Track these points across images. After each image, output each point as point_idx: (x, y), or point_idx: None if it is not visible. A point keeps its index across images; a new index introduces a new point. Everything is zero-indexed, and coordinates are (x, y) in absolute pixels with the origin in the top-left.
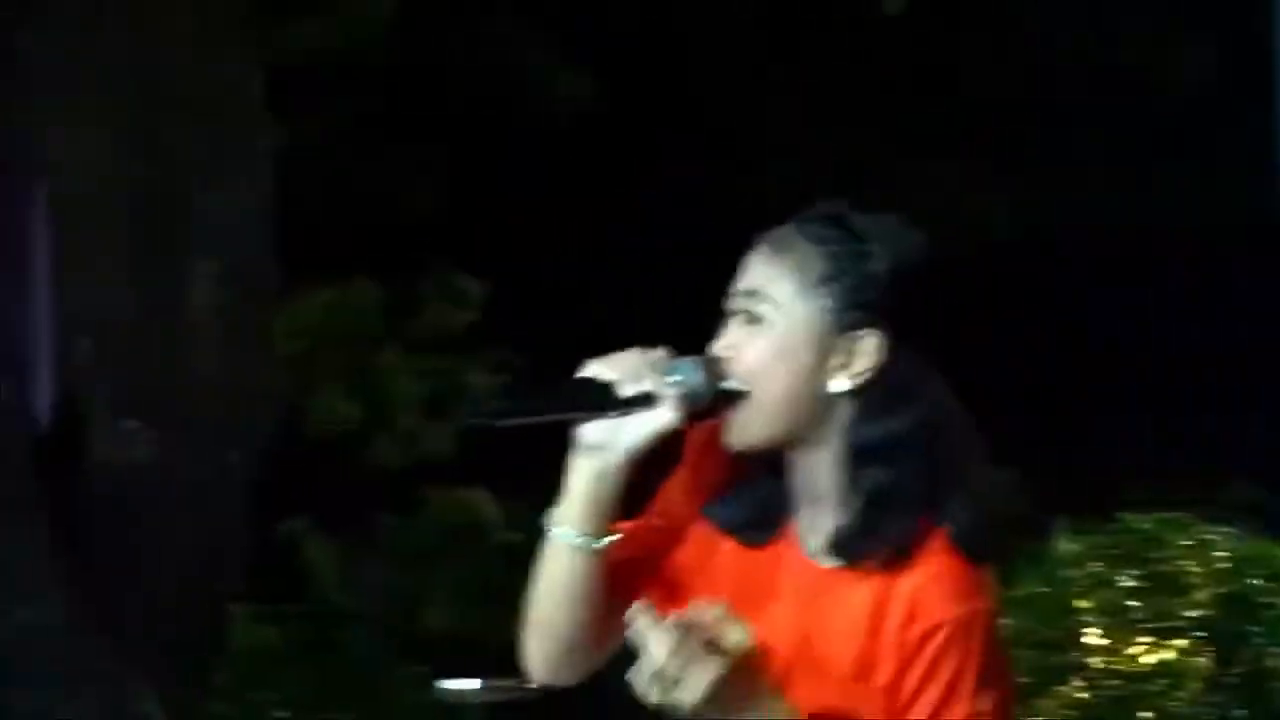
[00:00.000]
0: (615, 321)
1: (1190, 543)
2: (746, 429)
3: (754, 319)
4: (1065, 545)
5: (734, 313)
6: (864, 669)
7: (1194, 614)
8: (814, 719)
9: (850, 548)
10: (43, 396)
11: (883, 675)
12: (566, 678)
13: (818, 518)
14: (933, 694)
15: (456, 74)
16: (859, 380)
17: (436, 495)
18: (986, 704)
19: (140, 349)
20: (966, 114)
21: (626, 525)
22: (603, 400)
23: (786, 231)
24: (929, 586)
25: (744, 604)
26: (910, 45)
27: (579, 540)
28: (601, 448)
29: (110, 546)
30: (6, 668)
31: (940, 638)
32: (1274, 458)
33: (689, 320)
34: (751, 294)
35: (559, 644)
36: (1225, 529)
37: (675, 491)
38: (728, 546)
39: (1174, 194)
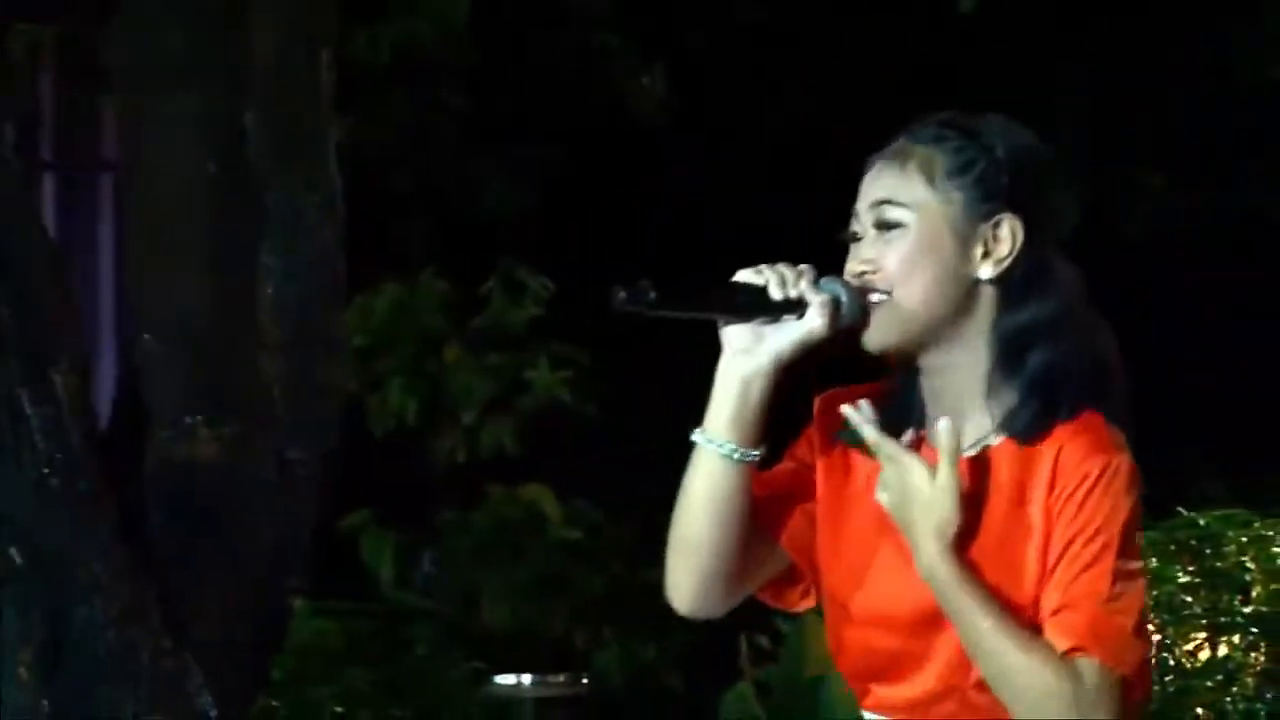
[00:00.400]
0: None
1: (1247, 539)
2: (893, 326)
3: (888, 226)
4: None
5: (857, 235)
6: (1009, 542)
7: (1249, 610)
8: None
9: (1026, 423)
10: (110, 392)
11: (1033, 544)
12: (709, 606)
13: (962, 416)
14: (1087, 542)
15: (528, 74)
16: (1003, 265)
17: (496, 491)
18: (1135, 559)
19: (208, 345)
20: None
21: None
22: (752, 305)
23: (899, 144)
24: (1069, 446)
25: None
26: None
27: (726, 449)
28: (748, 351)
29: (173, 542)
30: (69, 663)
31: (1088, 484)
32: None
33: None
34: (882, 203)
35: (702, 565)
36: None
37: (805, 442)
38: (865, 465)
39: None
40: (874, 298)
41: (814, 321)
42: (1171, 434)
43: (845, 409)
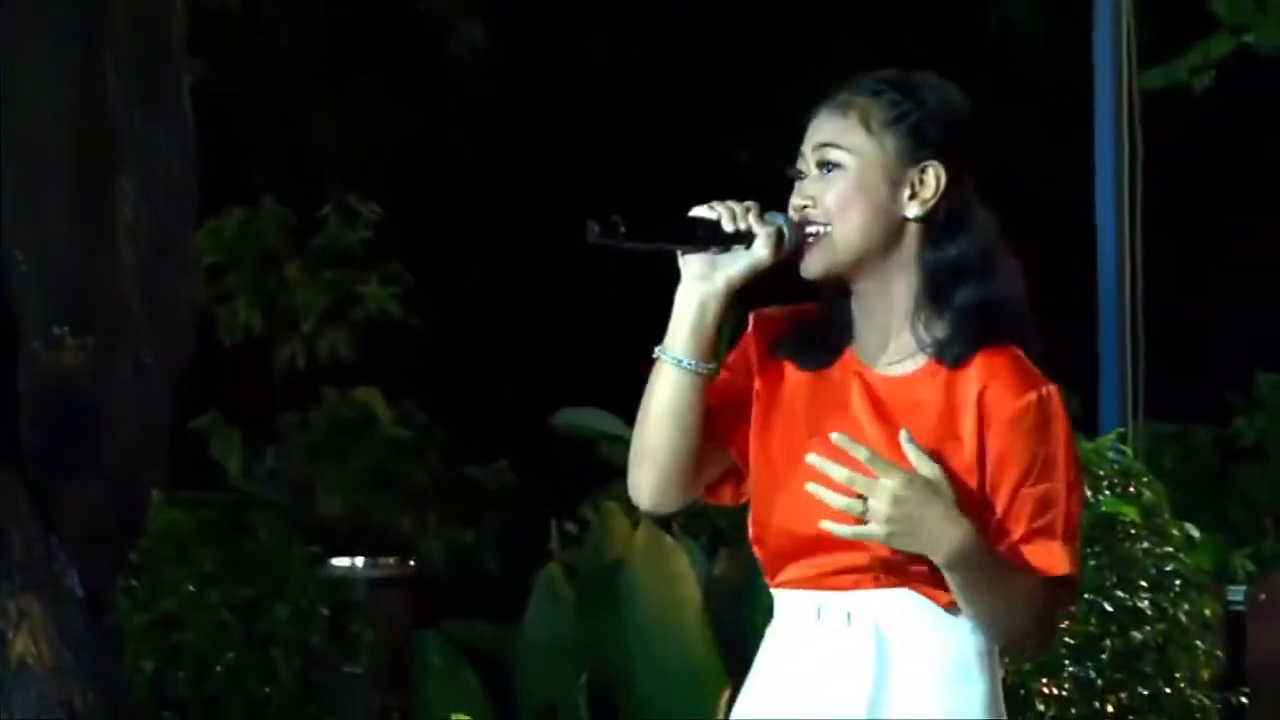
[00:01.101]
0: (494, 237)
1: None
2: (829, 256)
3: (830, 166)
4: None
5: (802, 173)
6: (938, 455)
7: None
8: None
9: (955, 351)
10: None
11: (965, 454)
12: (667, 504)
13: (888, 336)
14: (1039, 477)
15: (359, 23)
16: (927, 206)
17: (332, 394)
18: (1077, 472)
19: (71, 264)
20: None
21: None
22: (708, 237)
23: (843, 95)
24: (996, 382)
25: (820, 418)
26: None
27: (686, 363)
28: (704, 278)
29: (43, 441)
30: None
31: (1029, 417)
32: (1079, 358)
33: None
34: (824, 146)
35: (665, 467)
36: None
37: (740, 353)
38: (796, 375)
39: None
40: (811, 228)
41: (761, 251)
42: None
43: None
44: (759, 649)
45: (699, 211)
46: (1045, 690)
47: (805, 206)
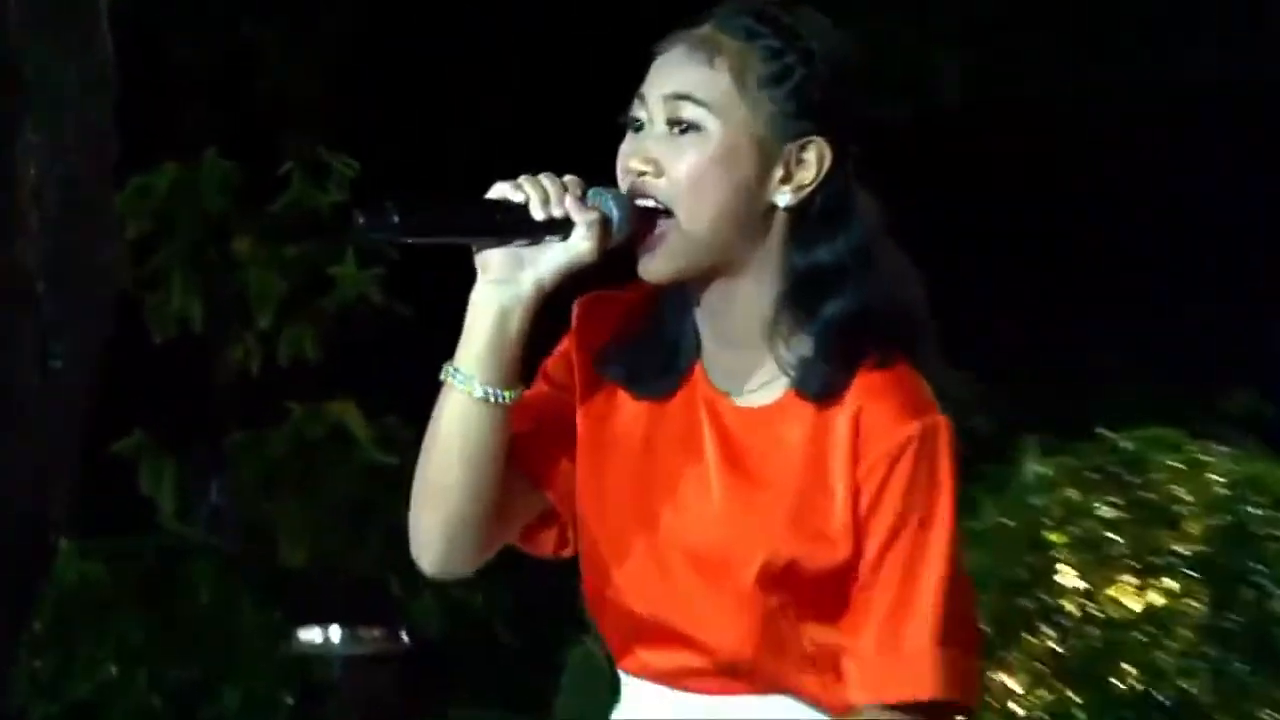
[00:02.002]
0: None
1: (1181, 465)
2: (673, 254)
3: (685, 126)
4: (1033, 468)
5: (640, 123)
6: (806, 506)
7: (1185, 549)
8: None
9: (822, 380)
10: None
11: (838, 515)
12: (460, 562)
13: (740, 355)
14: (908, 517)
15: None
16: (803, 193)
17: (295, 408)
18: (954, 549)
19: None
20: None
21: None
22: (510, 226)
23: (707, 31)
24: (872, 408)
25: (664, 456)
26: None
27: (481, 391)
28: (508, 280)
29: None
30: None
31: (905, 459)
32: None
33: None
34: (681, 98)
35: (451, 516)
36: (1223, 448)
37: (562, 362)
38: (631, 403)
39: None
40: (654, 203)
41: (580, 245)
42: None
43: None
44: None
45: (501, 190)
46: None
47: (645, 173)
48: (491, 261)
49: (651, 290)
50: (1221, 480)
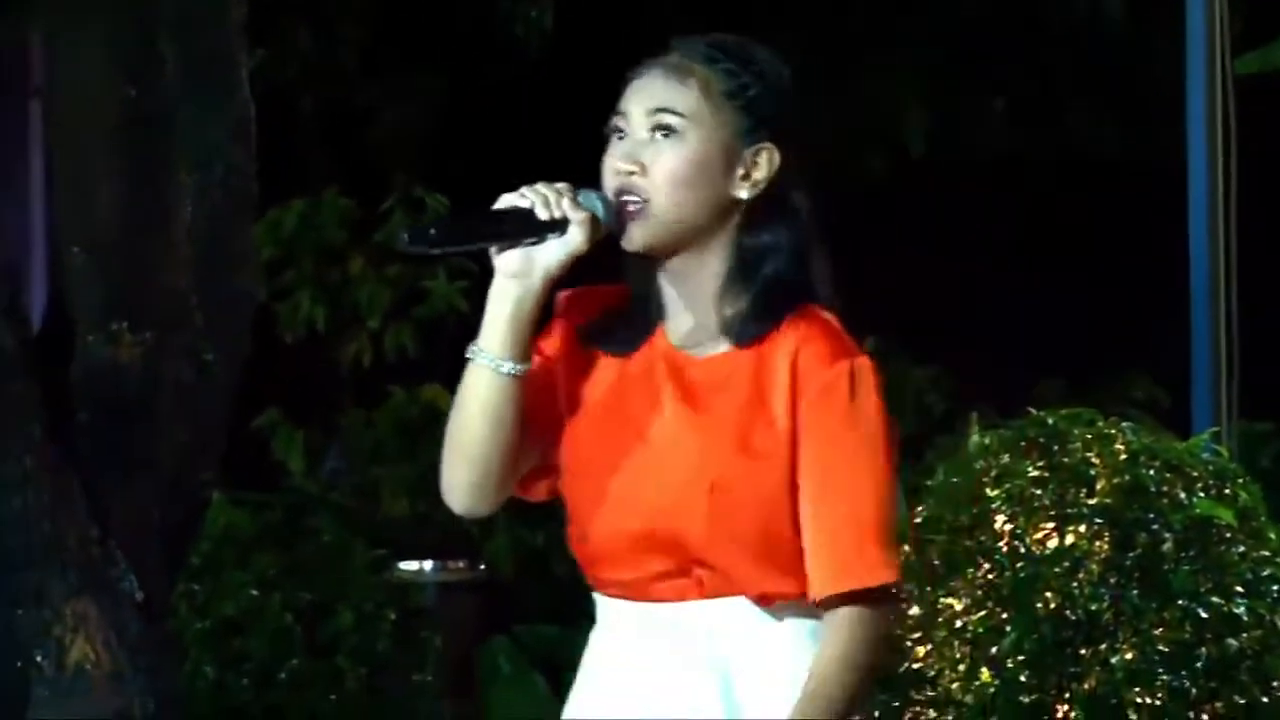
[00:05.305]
0: None
1: (1092, 436)
2: (650, 231)
3: (665, 132)
4: (977, 439)
5: (623, 132)
6: (750, 432)
7: (1095, 503)
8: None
9: (749, 328)
10: (39, 302)
11: (780, 439)
12: (486, 505)
13: (696, 316)
14: (846, 436)
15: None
16: (756, 189)
17: (397, 392)
18: (888, 456)
19: (127, 257)
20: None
21: None
22: (520, 229)
23: (676, 59)
24: (807, 349)
25: (631, 400)
26: None
27: (504, 365)
28: (522, 275)
29: (99, 439)
30: (3, 550)
31: (839, 391)
32: (1172, 357)
33: None
34: (661, 110)
35: (481, 469)
36: (1126, 424)
37: (549, 337)
38: (605, 361)
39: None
40: (631, 207)
41: (575, 239)
42: (1026, 338)
43: None
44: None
45: (509, 200)
46: (1138, 700)
47: (632, 172)
48: (507, 261)
49: (623, 286)
50: (1124, 449)
